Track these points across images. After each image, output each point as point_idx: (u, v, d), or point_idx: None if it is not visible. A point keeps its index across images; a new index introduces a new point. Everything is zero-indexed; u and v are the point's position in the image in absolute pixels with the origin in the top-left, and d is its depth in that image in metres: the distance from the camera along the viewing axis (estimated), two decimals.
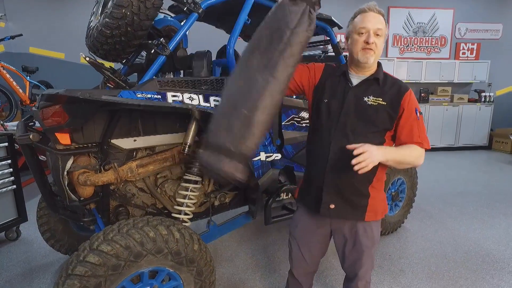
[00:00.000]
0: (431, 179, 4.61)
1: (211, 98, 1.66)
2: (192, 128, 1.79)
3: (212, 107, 1.66)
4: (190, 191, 1.82)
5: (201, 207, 2.08)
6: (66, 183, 1.62)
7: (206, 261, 1.59)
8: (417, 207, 3.38)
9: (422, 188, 3.82)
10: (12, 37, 4.49)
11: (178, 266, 1.51)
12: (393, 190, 2.83)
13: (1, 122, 3.34)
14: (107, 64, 1.74)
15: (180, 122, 1.87)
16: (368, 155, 1.19)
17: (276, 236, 2.86)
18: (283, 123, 2.04)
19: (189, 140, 1.79)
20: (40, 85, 5.23)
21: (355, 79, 1.43)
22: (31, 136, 1.47)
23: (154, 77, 1.63)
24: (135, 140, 1.75)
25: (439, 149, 6.70)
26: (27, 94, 4.91)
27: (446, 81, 6.66)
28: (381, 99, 1.38)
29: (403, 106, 1.37)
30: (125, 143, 1.73)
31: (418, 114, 1.39)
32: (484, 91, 6.76)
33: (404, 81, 6.41)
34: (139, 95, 1.47)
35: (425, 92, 6.61)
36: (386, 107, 1.37)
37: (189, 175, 1.82)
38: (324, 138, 1.42)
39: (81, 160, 1.65)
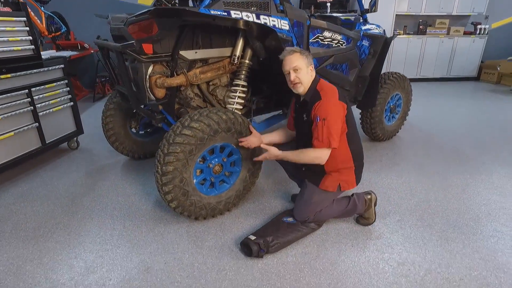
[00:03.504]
0: (423, 104, 5.19)
1: (261, 17, 2.08)
2: (240, 42, 2.24)
3: (263, 23, 2.07)
4: (238, 93, 2.32)
5: (242, 110, 2.60)
6: (148, 85, 2.10)
7: None
8: (410, 123, 4.00)
9: (415, 110, 4.41)
10: None
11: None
12: (391, 104, 3.39)
13: None
14: None
15: (229, 39, 2.30)
16: (267, 156, 1.94)
17: None
18: (310, 40, 2.47)
19: (238, 52, 2.25)
20: (54, 16, 5.37)
21: (302, 99, 1.92)
22: (135, 43, 1.89)
23: None
24: (196, 52, 2.19)
25: (432, 80, 7.20)
26: (43, 25, 5.08)
27: (445, 13, 6.88)
28: (306, 116, 1.86)
29: (312, 117, 1.79)
30: (189, 54, 2.17)
31: (318, 120, 1.73)
32: (480, 24, 7.03)
33: (403, 14, 6.61)
34: (212, 12, 1.89)
35: (423, 25, 6.88)
36: (308, 122, 1.84)
37: (238, 80, 2.31)
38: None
39: (157, 67, 2.10)
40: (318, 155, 1.78)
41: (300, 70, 1.80)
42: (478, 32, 6.98)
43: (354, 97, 3.16)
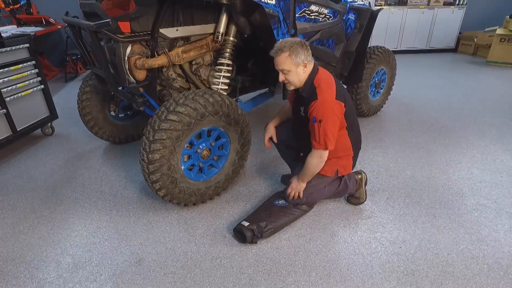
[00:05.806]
0: (405, 76, 5.22)
1: None
2: (223, 18, 2.10)
3: None
4: (223, 73, 2.21)
5: (227, 89, 2.50)
6: (127, 67, 1.95)
7: (246, 123, 2.10)
8: (393, 97, 4.02)
9: (396, 82, 4.42)
10: None
11: (227, 126, 2.00)
12: (376, 79, 3.36)
13: None
14: None
15: (212, 14, 2.15)
16: (294, 191, 1.92)
17: None
18: (296, 15, 2.35)
19: (221, 29, 2.12)
20: None
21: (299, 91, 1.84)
22: (111, 22, 1.72)
23: None
24: (177, 30, 2.04)
25: (411, 52, 7.23)
26: None
27: None
28: (302, 111, 1.82)
29: (309, 116, 1.73)
30: (170, 32, 2.02)
31: (316, 121, 1.67)
32: None
33: None
34: None
35: None
36: (305, 117, 1.78)
37: (222, 59, 2.19)
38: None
39: (136, 47, 1.95)
40: (317, 160, 1.78)
41: (289, 72, 1.71)
42: (457, 2, 6.97)
43: (340, 73, 3.10)
